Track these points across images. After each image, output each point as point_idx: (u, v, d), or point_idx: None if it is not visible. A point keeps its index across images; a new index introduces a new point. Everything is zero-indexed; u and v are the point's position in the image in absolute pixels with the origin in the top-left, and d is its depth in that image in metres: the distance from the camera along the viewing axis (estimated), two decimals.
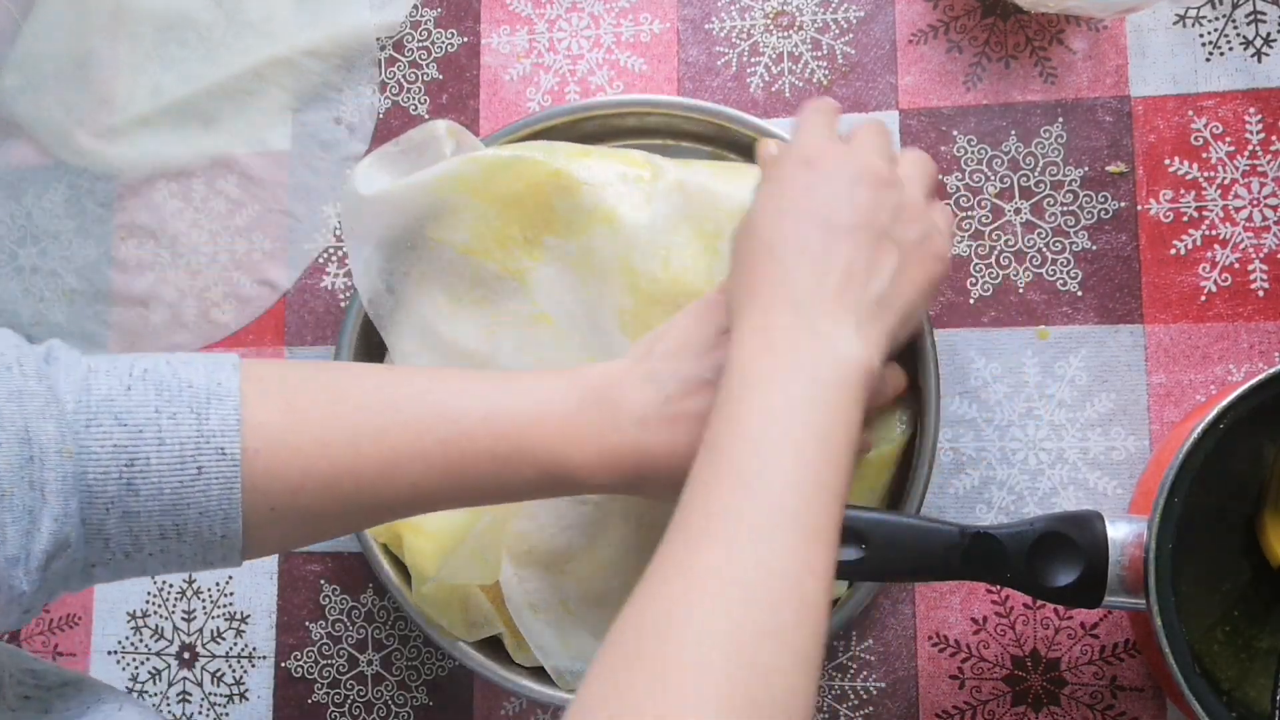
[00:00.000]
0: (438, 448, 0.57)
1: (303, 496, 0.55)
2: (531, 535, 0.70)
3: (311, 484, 0.55)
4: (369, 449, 0.56)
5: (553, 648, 0.71)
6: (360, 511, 0.58)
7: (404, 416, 0.58)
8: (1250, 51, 0.73)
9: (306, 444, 0.55)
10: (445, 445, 0.57)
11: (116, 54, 0.87)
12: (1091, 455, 0.72)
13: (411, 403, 0.58)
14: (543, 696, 0.71)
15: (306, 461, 0.55)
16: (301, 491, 0.55)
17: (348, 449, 0.56)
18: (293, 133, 0.84)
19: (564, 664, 0.71)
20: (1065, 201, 0.74)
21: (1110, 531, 0.58)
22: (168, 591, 0.83)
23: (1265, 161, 0.72)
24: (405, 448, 0.57)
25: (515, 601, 0.70)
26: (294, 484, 0.55)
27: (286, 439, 0.55)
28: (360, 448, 0.56)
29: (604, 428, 0.59)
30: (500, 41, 0.82)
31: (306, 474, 0.55)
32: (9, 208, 0.88)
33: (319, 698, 0.81)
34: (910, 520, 0.60)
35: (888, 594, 0.74)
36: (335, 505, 0.57)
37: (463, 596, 0.72)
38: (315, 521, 0.57)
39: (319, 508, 0.56)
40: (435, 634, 0.73)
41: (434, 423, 0.58)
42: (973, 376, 0.74)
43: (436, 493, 0.58)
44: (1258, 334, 0.71)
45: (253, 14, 0.85)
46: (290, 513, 0.56)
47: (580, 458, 0.59)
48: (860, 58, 0.78)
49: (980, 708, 0.72)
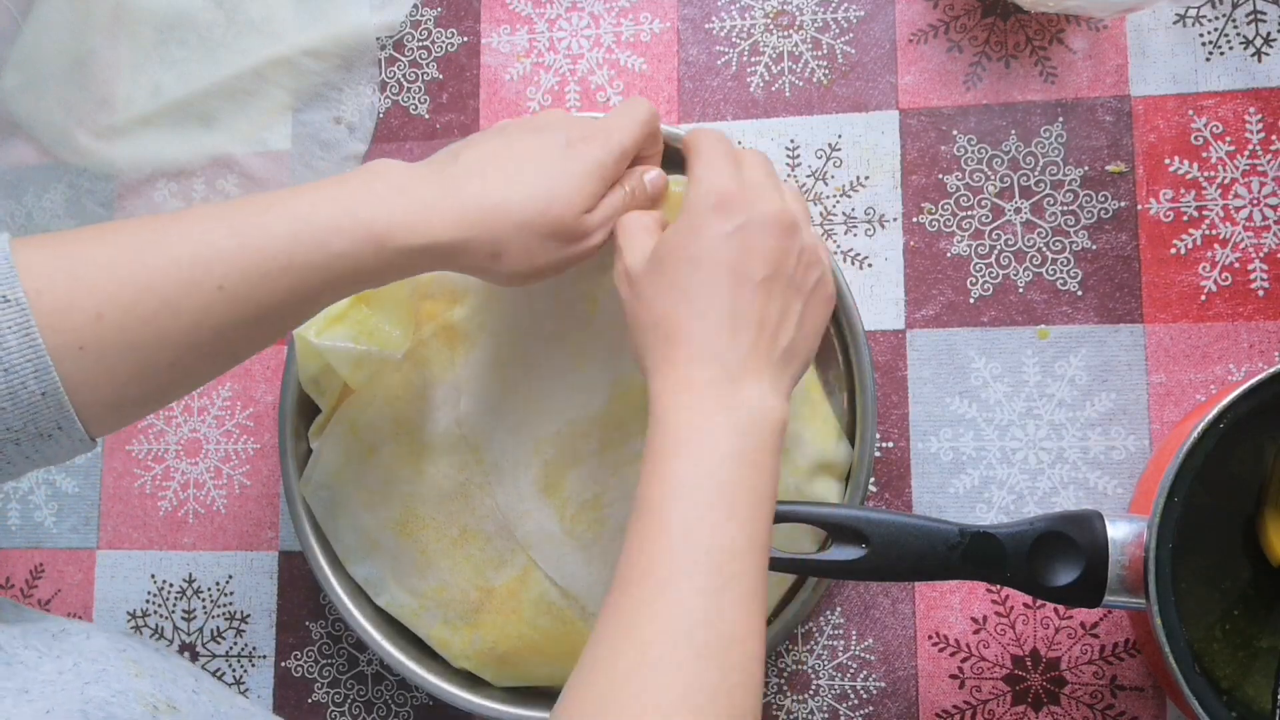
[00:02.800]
0: (231, 241, 0.55)
1: (108, 325, 0.53)
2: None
3: (113, 310, 0.53)
4: (157, 259, 0.54)
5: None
6: (185, 337, 0.55)
7: (187, 223, 0.56)
8: (1250, 51, 0.73)
9: (91, 272, 0.53)
10: (240, 237, 0.55)
11: (116, 54, 0.87)
12: (1091, 455, 0.72)
13: (188, 214, 0.57)
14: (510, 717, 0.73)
15: (97, 287, 0.53)
16: (104, 320, 0.53)
17: (135, 264, 0.54)
18: (293, 133, 0.84)
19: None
20: (1065, 201, 0.74)
21: (1110, 531, 0.58)
22: (168, 591, 0.83)
23: (1265, 161, 0.72)
24: (197, 250, 0.54)
25: None
26: (93, 313, 0.52)
27: (69, 271, 0.53)
28: (147, 260, 0.54)
29: (406, 186, 0.58)
30: (500, 41, 0.82)
31: (102, 300, 0.53)
32: (9, 208, 0.88)
33: (319, 698, 0.81)
34: (910, 520, 0.60)
35: (888, 594, 0.74)
36: (150, 330, 0.54)
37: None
38: (139, 357, 0.54)
39: (134, 336, 0.54)
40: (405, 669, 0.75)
41: (216, 223, 0.56)
42: (973, 376, 0.74)
43: (254, 295, 0.55)
44: (1258, 333, 0.71)
45: (253, 14, 0.85)
46: (104, 348, 0.53)
47: (386, 212, 0.57)
48: (860, 57, 0.78)
49: (980, 707, 0.72)
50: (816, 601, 0.72)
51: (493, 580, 0.73)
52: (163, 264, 0.54)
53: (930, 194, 0.76)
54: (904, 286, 0.75)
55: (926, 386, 0.75)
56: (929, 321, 0.75)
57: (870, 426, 0.71)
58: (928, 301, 0.75)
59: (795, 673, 0.75)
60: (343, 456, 0.74)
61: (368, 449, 0.74)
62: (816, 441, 0.71)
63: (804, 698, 0.74)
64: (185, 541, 0.83)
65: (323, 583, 0.75)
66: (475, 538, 0.73)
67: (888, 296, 0.76)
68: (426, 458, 0.73)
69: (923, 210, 0.76)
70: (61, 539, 0.85)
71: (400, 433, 0.73)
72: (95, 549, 0.85)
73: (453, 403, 0.72)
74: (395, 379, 0.65)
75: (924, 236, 0.75)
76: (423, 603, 0.74)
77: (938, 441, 0.74)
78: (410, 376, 0.72)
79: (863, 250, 0.76)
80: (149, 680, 0.54)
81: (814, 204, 0.77)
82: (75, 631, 0.55)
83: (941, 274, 0.75)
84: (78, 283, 0.52)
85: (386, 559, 0.74)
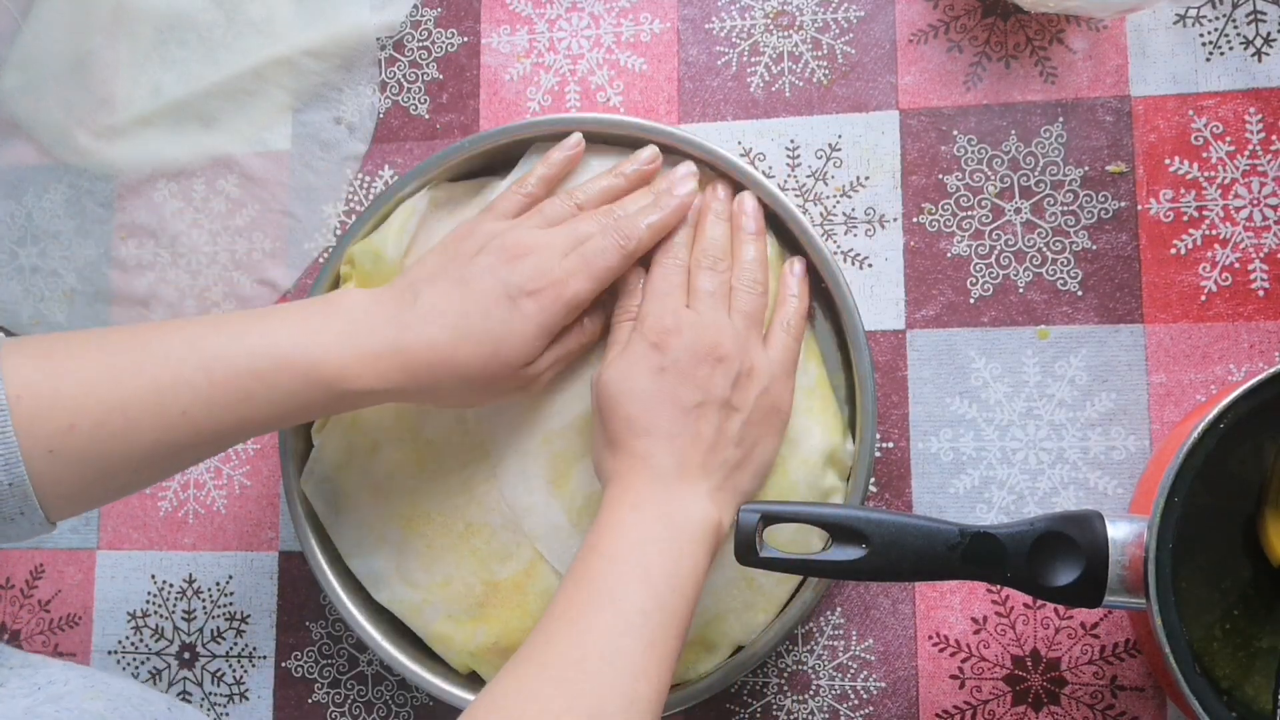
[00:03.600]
0: (199, 373, 0.61)
1: (78, 436, 0.58)
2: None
3: (84, 422, 0.58)
4: (131, 383, 0.59)
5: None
6: (147, 451, 0.60)
7: (161, 349, 0.61)
8: (1250, 51, 0.73)
9: (69, 386, 0.59)
10: (207, 370, 0.61)
11: (116, 54, 0.87)
12: (1092, 455, 0.72)
13: (165, 337, 0.62)
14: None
15: (73, 401, 0.58)
16: (76, 431, 0.58)
17: (110, 385, 0.59)
18: (293, 133, 0.84)
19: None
20: (1065, 201, 0.74)
21: (1111, 531, 0.58)
22: (168, 591, 0.83)
23: (1265, 161, 0.72)
24: (167, 377, 0.60)
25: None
26: (65, 424, 0.58)
27: (48, 382, 0.58)
28: (122, 382, 0.59)
29: (358, 331, 0.64)
30: (500, 41, 0.82)
31: (75, 413, 0.58)
32: (9, 208, 0.88)
33: (319, 698, 0.81)
34: (911, 520, 0.60)
35: (888, 594, 0.74)
36: (116, 444, 0.59)
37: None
38: (104, 464, 0.59)
39: (102, 448, 0.59)
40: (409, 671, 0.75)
41: (188, 352, 0.61)
42: (973, 376, 0.74)
43: (213, 421, 0.61)
44: (1258, 334, 0.71)
45: (253, 14, 0.85)
46: (72, 455, 0.58)
47: (337, 358, 0.62)
48: (860, 57, 0.78)
49: (980, 707, 0.72)
50: (816, 602, 0.72)
51: (498, 574, 0.73)
52: (135, 387, 0.60)
53: (930, 194, 0.76)
54: (904, 287, 0.75)
55: (926, 387, 0.75)
56: (929, 322, 0.75)
57: (870, 426, 0.72)
58: (928, 302, 0.75)
59: (795, 673, 0.75)
60: (346, 452, 0.74)
61: (371, 444, 0.74)
62: (827, 435, 0.71)
63: (804, 698, 0.74)
64: (185, 542, 0.83)
65: (323, 583, 0.75)
66: (481, 531, 0.73)
67: (888, 297, 0.76)
68: (430, 453, 0.73)
69: (923, 210, 0.76)
70: (61, 539, 0.85)
71: (403, 428, 0.74)
72: (95, 549, 0.85)
73: None
74: None
75: (924, 237, 0.75)
76: (426, 597, 0.74)
77: (938, 442, 0.74)
78: None
79: (863, 250, 0.76)
80: (104, 702, 0.59)
81: (814, 204, 0.77)
82: (40, 664, 0.61)
83: (942, 274, 0.75)
84: (56, 395, 0.58)
85: (390, 554, 0.74)
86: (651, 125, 0.74)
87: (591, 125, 0.75)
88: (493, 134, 0.76)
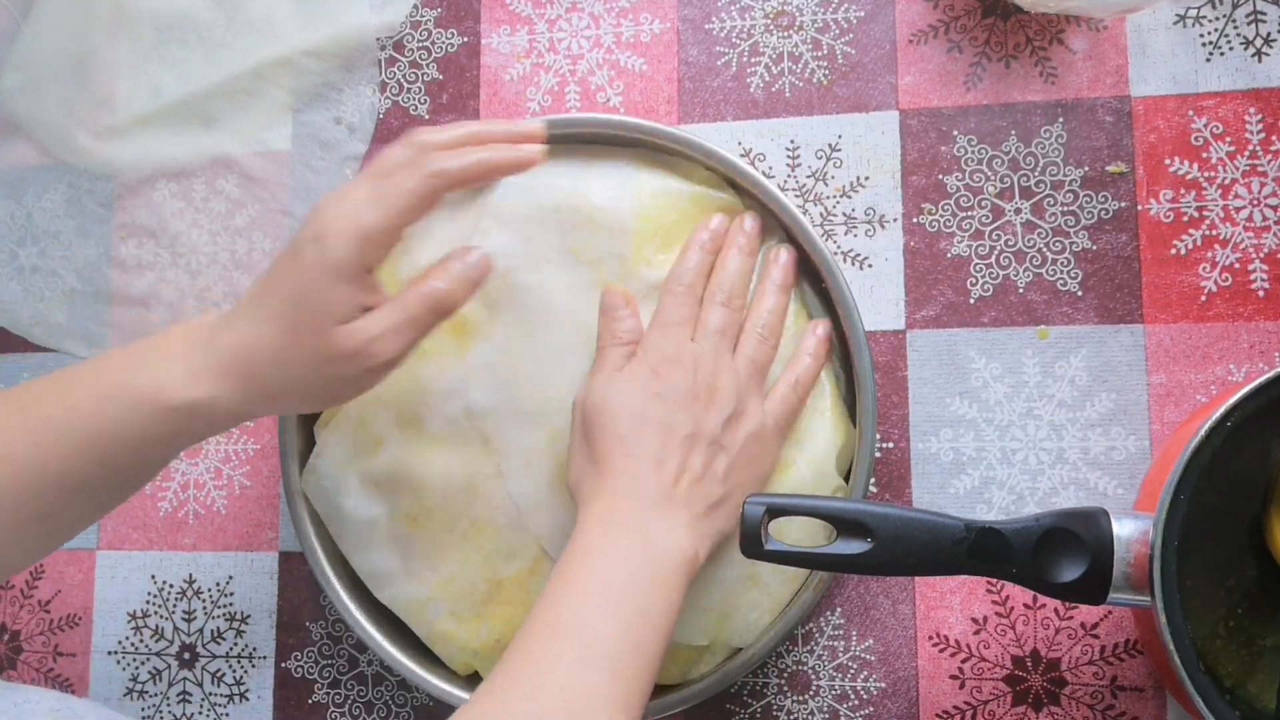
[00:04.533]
0: (58, 418, 0.60)
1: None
2: None
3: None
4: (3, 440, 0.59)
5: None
6: (38, 508, 0.60)
7: (17, 402, 0.61)
8: (1250, 51, 0.73)
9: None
10: (66, 410, 0.60)
11: (116, 54, 0.86)
12: (1092, 455, 0.73)
13: (21, 392, 0.62)
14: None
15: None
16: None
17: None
18: (293, 133, 0.84)
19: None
20: (1065, 201, 0.74)
21: (1116, 528, 0.58)
22: (168, 592, 0.83)
23: (1265, 161, 0.72)
24: (33, 426, 0.60)
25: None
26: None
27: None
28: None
29: (187, 346, 0.61)
30: (500, 41, 0.82)
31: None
32: (9, 208, 0.88)
33: (319, 698, 0.80)
34: (916, 514, 0.60)
35: (888, 594, 0.74)
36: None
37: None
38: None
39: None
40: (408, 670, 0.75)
41: (42, 394, 0.61)
42: (973, 376, 0.74)
43: (88, 467, 0.60)
44: (1258, 334, 0.71)
45: (253, 14, 0.85)
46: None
47: (168, 375, 0.60)
48: (860, 58, 0.78)
49: (980, 708, 0.72)
50: (817, 602, 0.72)
51: (502, 571, 0.73)
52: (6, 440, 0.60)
53: (930, 194, 0.76)
54: (904, 287, 0.76)
55: (926, 387, 0.75)
56: (929, 322, 0.75)
57: (870, 427, 0.72)
58: (928, 302, 0.75)
59: (795, 673, 0.75)
60: (349, 449, 0.74)
61: (374, 441, 0.74)
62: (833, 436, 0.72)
63: (804, 698, 0.74)
64: (185, 542, 0.83)
65: (323, 583, 0.75)
66: (486, 529, 0.73)
67: (888, 297, 0.76)
68: (434, 450, 0.73)
69: (923, 211, 0.76)
70: None
71: (407, 425, 0.73)
72: (95, 549, 0.85)
73: (461, 395, 0.72)
74: (400, 372, 0.66)
75: (924, 237, 0.76)
76: (430, 595, 0.74)
77: (938, 442, 0.74)
78: (416, 369, 0.72)
79: (863, 251, 0.76)
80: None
81: (814, 204, 0.77)
82: (16, 690, 0.60)
83: (941, 274, 0.75)
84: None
85: (393, 551, 0.74)
86: (651, 126, 0.74)
87: (591, 125, 0.75)
88: None
